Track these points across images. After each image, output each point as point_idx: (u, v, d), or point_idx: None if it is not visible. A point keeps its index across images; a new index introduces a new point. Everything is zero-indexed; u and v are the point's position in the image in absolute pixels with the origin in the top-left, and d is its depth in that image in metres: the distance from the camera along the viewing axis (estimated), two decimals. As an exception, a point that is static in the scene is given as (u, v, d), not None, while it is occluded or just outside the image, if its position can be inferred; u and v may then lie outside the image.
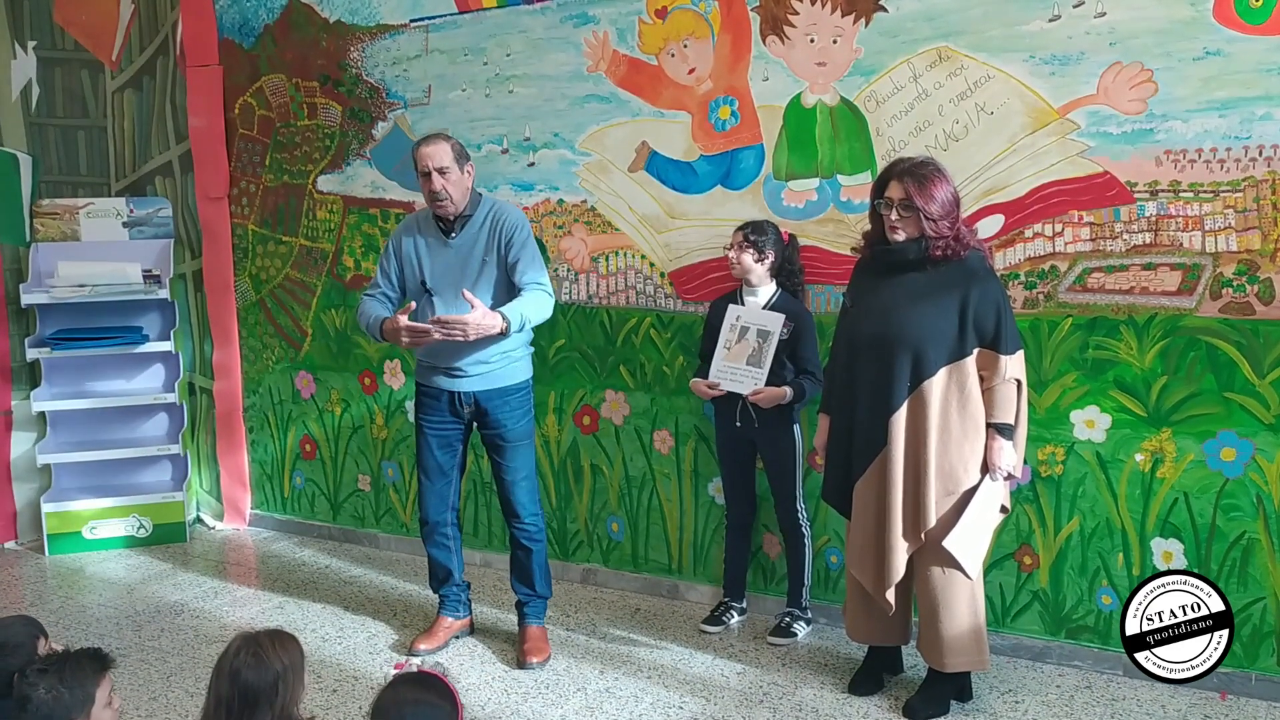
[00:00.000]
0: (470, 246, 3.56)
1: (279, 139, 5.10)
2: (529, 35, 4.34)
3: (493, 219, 3.57)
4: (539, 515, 3.76)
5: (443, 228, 3.60)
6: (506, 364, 3.60)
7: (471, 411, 3.64)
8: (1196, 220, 3.27)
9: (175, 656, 3.78)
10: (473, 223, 3.57)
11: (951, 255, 3.04)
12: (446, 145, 3.50)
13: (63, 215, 5.17)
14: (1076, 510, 3.53)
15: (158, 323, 5.31)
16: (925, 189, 3.02)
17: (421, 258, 3.62)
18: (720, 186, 4.01)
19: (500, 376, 3.60)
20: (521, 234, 3.56)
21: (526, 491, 3.72)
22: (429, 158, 3.46)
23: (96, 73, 5.41)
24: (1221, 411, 3.29)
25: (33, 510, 5.14)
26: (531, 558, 3.75)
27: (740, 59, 3.92)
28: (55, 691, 2.16)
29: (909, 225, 3.06)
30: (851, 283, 3.32)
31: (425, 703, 2.03)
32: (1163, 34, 3.24)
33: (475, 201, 3.60)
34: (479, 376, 3.58)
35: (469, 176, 3.55)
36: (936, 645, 3.15)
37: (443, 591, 3.89)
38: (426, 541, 3.84)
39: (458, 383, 3.60)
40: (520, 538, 3.74)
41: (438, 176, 3.46)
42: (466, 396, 3.61)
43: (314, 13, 4.88)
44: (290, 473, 5.30)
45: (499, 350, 3.56)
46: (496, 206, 3.62)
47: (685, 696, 3.41)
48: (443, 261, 3.59)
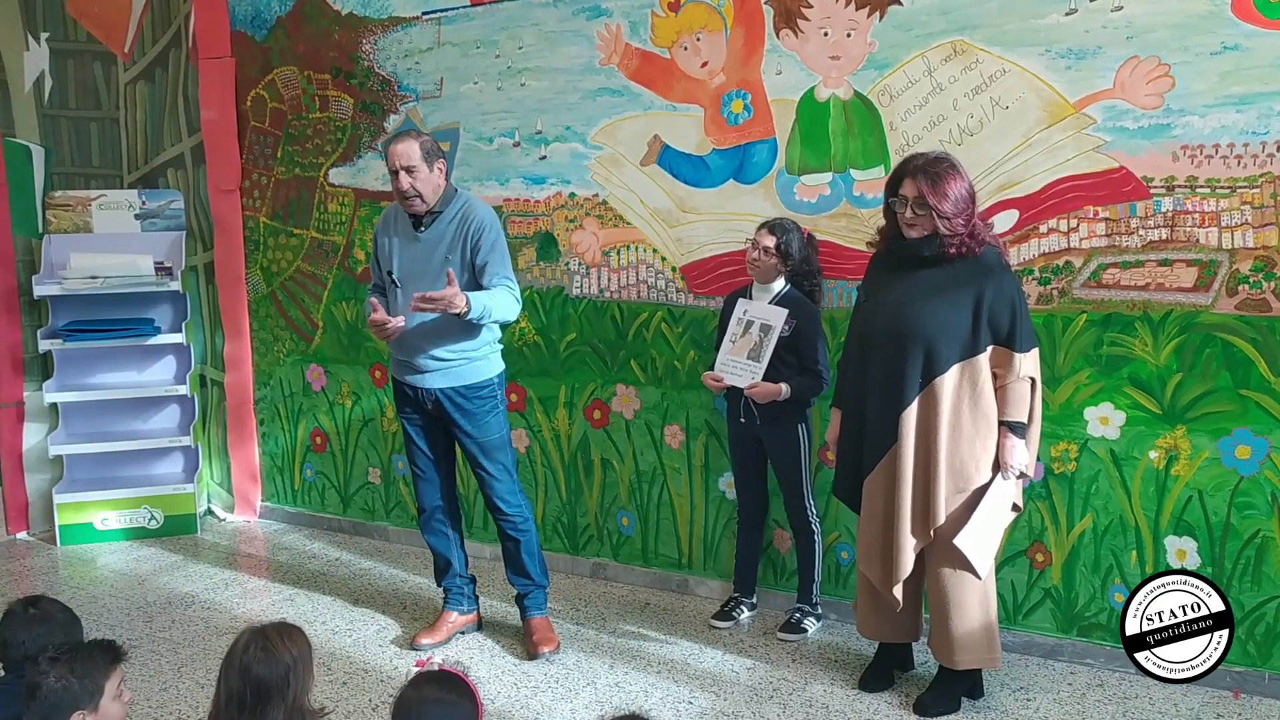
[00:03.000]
0: (436, 242, 3.57)
1: (291, 131, 5.10)
2: (541, 28, 4.33)
3: (461, 217, 3.57)
4: (522, 505, 3.78)
5: (414, 222, 3.62)
6: (466, 363, 3.61)
7: (434, 407, 3.65)
8: (1213, 216, 3.24)
9: (186, 648, 3.79)
10: (442, 219, 3.58)
11: (967, 252, 3.02)
12: (415, 144, 3.51)
13: (75, 207, 5.18)
14: (1090, 507, 3.51)
15: (169, 315, 5.33)
16: (939, 187, 2.99)
17: (393, 251, 3.66)
18: (733, 180, 4.00)
19: (460, 374, 3.61)
20: (490, 234, 3.56)
21: (504, 485, 3.73)
22: (396, 156, 3.49)
23: (109, 65, 5.42)
24: (1237, 409, 3.26)
25: (45, 501, 5.16)
26: (520, 547, 3.76)
27: (753, 52, 3.91)
28: (65, 681, 2.16)
29: (923, 223, 3.04)
30: (866, 277, 3.31)
31: (447, 701, 2.04)
32: (1180, 28, 3.22)
33: (448, 198, 3.61)
34: (438, 373, 3.60)
35: (439, 174, 3.56)
36: (946, 642, 3.14)
37: (446, 584, 3.89)
38: (424, 530, 3.87)
39: (420, 378, 3.63)
40: (506, 529, 3.76)
41: (405, 175, 3.48)
42: (428, 393, 3.63)
43: (326, 5, 4.88)
44: (301, 465, 5.31)
45: (457, 349, 3.58)
46: (468, 204, 3.62)
47: (695, 692, 3.41)
48: (410, 255, 3.62)
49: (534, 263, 4.46)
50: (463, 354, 3.59)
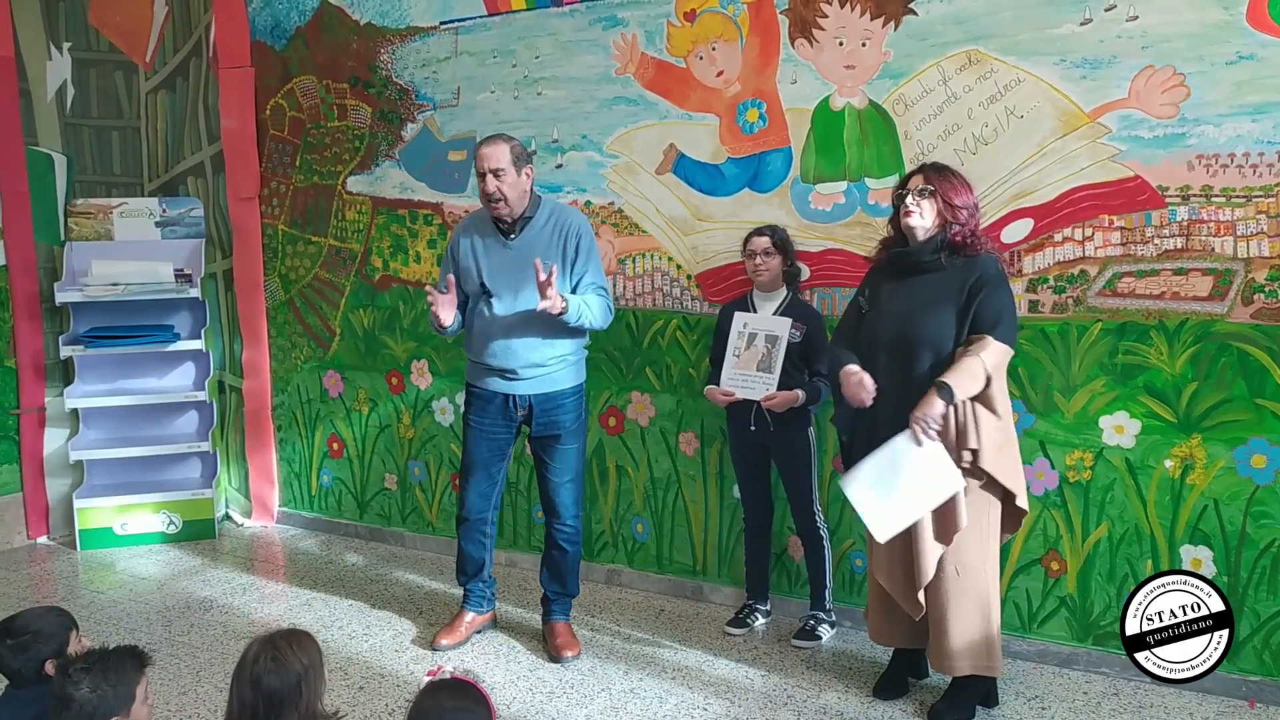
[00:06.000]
0: (531, 248, 3.52)
1: (309, 140, 5.14)
2: (558, 38, 4.36)
3: (556, 221, 3.56)
4: (580, 518, 3.77)
5: (502, 229, 3.59)
6: (562, 367, 3.61)
7: (525, 414, 3.64)
8: (1228, 225, 3.24)
9: (205, 652, 3.82)
10: (534, 224, 3.56)
11: (969, 245, 3.08)
12: (505, 146, 3.48)
13: (96, 215, 5.24)
14: (1105, 516, 3.51)
15: (189, 321, 5.37)
16: (945, 177, 3.12)
17: (479, 258, 3.60)
18: (748, 189, 4.02)
19: (555, 380, 3.61)
20: (586, 240, 3.56)
21: (571, 493, 3.72)
22: (486, 159, 3.45)
23: (130, 74, 5.48)
24: (1252, 418, 3.26)
25: (65, 506, 5.21)
26: (567, 558, 3.77)
27: (769, 62, 3.93)
28: (99, 690, 2.18)
29: (925, 210, 3.09)
30: (866, 286, 3.31)
31: (463, 710, 2.06)
32: (1195, 38, 3.22)
33: (535, 203, 3.59)
34: (534, 380, 3.59)
35: (527, 179, 3.53)
36: (942, 648, 3.13)
37: (469, 586, 3.90)
38: (463, 538, 3.83)
39: (513, 385, 3.60)
40: (559, 538, 3.75)
41: (493, 178, 3.45)
42: (522, 400, 3.61)
43: (345, 15, 4.92)
44: (318, 471, 5.34)
45: (554, 354, 3.57)
46: (558, 209, 3.62)
47: (709, 698, 3.42)
48: (501, 263, 3.57)
49: (550, 270, 4.49)
50: (560, 358, 3.59)
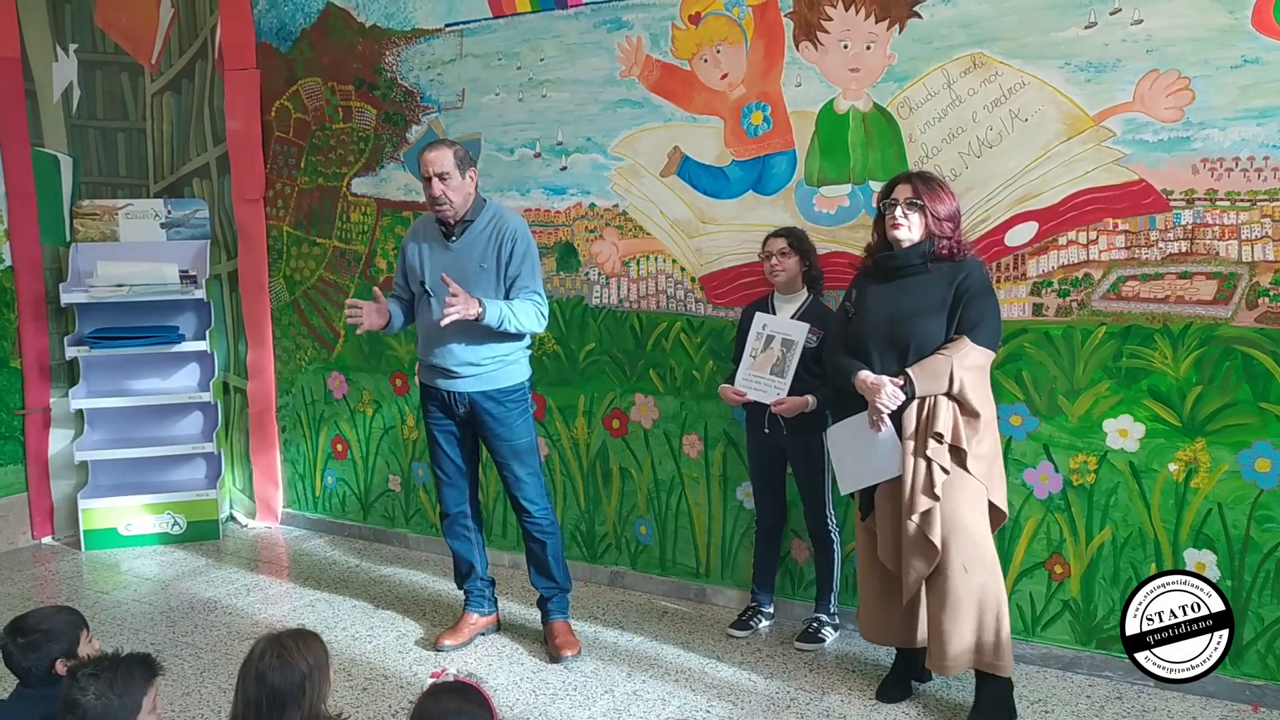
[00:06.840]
0: (469, 251, 3.60)
1: (314, 142, 5.15)
2: (562, 40, 4.36)
3: (495, 226, 3.61)
4: (549, 509, 3.81)
5: (445, 231, 3.65)
6: (499, 367, 3.65)
7: (466, 412, 3.69)
8: (1233, 229, 3.24)
9: (209, 652, 3.83)
10: (474, 228, 3.62)
11: (953, 254, 3.12)
12: (449, 151, 3.55)
13: (102, 216, 5.25)
14: (1109, 520, 3.50)
15: (193, 322, 5.39)
16: (932, 189, 3.14)
17: (423, 260, 3.68)
18: (752, 192, 4.02)
19: (493, 378, 3.65)
20: (523, 244, 3.60)
21: (532, 488, 3.76)
22: (430, 163, 3.52)
23: (136, 76, 5.49)
24: (1256, 422, 3.25)
25: (70, 506, 5.22)
26: (546, 550, 3.79)
27: (773, 64, 3.93)
28: (105, 698, 2.16)
29: (914, 224, 3.12)
30: (853, 290, 3.32)
31: (465, 712, 2.06)
32: (1200, 41, 3.22)
33: (478, 207, 3.64)
34: (472, 378, 3.64)
35: (471, 182, 3.60)
36: (936, 648, 3.12)
37: (467, 587, 3.93)
38: (447, 534, 3.90)
39: (453, 383, 3.66)
40: (533, 531, 3.78)
41: (438, 181, 3.51)
42: (461, 397, 3.67)
43: (350, 17, 4.93)
44: (322, 472, 5.35)
45: (490, 354, 3.61)
46: (500, 214, 3.66)
47: (712, 701, 3.42)
48: (442, 264, 3.63)
49: (554, 273, 4.49)
50: (495, 358, 3.62)
